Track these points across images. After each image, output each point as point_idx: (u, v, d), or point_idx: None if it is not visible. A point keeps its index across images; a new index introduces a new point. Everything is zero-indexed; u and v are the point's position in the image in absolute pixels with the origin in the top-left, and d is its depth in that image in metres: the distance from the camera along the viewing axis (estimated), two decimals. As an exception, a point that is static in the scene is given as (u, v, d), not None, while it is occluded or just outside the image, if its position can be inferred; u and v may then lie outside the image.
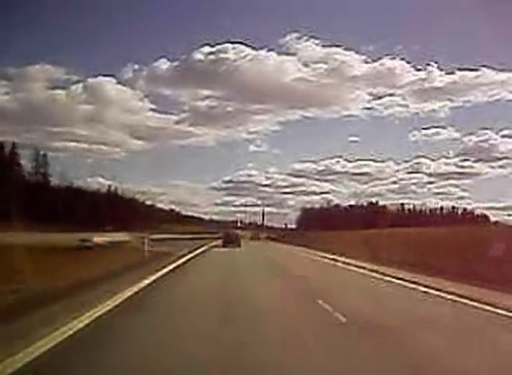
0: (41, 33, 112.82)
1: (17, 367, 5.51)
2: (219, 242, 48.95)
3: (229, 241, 45.16)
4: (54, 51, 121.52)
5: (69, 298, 10.51)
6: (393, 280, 17.39)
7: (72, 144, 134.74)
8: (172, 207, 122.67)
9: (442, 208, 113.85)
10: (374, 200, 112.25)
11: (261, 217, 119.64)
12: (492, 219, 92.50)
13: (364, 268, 22.57)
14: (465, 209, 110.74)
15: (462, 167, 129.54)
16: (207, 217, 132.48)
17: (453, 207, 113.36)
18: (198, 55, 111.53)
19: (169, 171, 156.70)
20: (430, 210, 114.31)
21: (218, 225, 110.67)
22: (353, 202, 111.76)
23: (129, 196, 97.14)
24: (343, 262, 26.80)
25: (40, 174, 76.81)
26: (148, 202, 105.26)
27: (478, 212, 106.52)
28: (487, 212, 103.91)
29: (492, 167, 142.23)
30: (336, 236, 49.77)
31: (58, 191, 75.55)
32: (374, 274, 19.79)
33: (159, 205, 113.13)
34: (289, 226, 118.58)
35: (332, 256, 31.90)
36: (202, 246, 41.38)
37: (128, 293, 11.92)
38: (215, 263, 24.80)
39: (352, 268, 23.48)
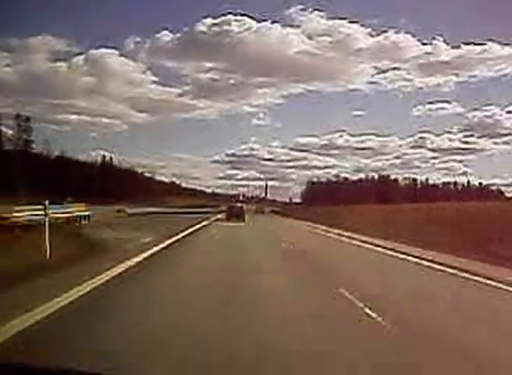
0: (43, 4, 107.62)
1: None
2: (222, 216, 46.52)
3: (233, 215, 41.76)
4: (56, 23, 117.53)
5: None
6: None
7: (74, 116, 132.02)
8: (174, 180, 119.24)
9: (455, 183, 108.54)
10: (384, 173, 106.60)
11: (264, 191, 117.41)
12: (507, 195, 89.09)
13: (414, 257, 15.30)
14: (480, 184, 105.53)
15: (466, 143, 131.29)
16: (209, 190, 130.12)
17: (468, 182, 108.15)
18: (201, 27, 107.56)
19: (172, 144, 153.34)
20: (443, 184, 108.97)
21: (220, 198, 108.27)
22: (362, 175, 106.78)
23: (127, 167, 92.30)
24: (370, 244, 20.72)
25: (25, 142, 71.02)
26: (148, 175, 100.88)
27: (494, 187, 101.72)
28: (502, 188, 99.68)
29: (497, 143, 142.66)
30: (347, 211, 44.37)
31: (44, 161, 70.25)
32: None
33: (160, 178, 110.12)
34: (293, 200, 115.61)
35: (347, 234, 26.31)
36: (201, 222, 35.05)
37: None
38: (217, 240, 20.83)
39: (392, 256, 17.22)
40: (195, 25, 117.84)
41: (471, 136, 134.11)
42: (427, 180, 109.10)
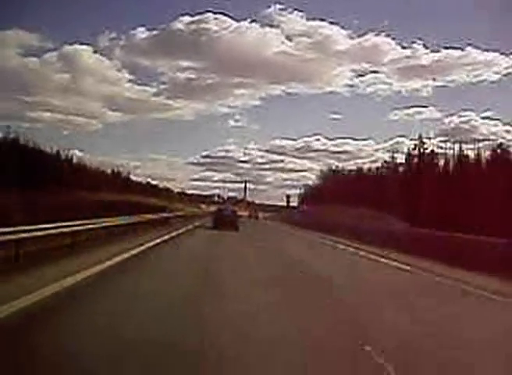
0: None
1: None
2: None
3: (223, 222, 29.63)
4: (27, 17, 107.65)
5: None
6: None
7: (48, 114, 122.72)
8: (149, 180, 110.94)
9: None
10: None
11: (240, 193, 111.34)
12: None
13: None
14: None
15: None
16: (187, 191, 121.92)
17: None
18: (178, 25, 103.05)
19: (147, 144, 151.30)
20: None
21: (197, 199, 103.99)
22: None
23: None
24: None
25: None
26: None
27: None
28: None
29: (472, 149, 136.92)
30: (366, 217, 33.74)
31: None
32: None
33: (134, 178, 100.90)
34: (278, 203, 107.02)
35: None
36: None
37: None
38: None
39: None
40: (172, 22, 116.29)
41: (447, 141, 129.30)
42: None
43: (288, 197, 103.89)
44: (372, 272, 14.34)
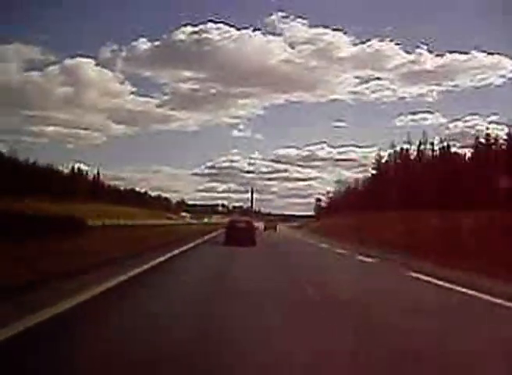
0: (15, 11, 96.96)
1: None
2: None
3: (237, 237, 24.21)
4: (28, 30, 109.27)
5: None
6: None
7: (51, 128, 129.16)
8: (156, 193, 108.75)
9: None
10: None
11: (245, 202, 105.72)
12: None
13: None
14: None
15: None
16: (191, 202, 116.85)
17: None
18: (180, 35, 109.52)
19: (151, 156, 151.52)
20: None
21: (199, 210, 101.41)
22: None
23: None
24: None
25: None
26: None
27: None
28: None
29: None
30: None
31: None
32: None
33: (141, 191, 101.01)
34: (285, 212, 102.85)
35: None
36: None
37: None
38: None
39: None
40: (173, 32, 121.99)
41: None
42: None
43: (319, 203, 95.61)
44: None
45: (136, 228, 33.06)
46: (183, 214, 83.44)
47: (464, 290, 9.51)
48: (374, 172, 59.38)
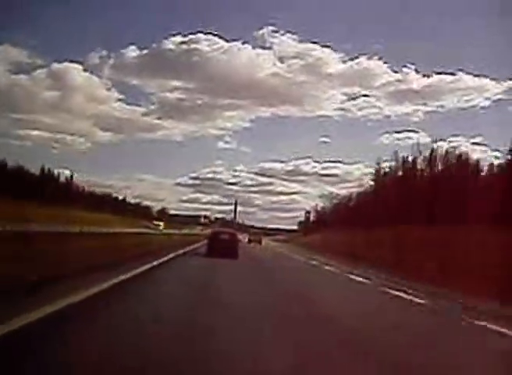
0: (2, 13, 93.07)
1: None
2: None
3: (219, 248, 23.39)
4: (16, 33, 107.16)
5: None
6: None
7: (36, 132, 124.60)
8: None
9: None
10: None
11: (228, 214, 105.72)
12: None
13: None
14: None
15: None
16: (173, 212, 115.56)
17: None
18: (169, 45, 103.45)
19: (136, 165, 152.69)
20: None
21: (184, 219, 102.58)
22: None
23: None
24: None
25: None
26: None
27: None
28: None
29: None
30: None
31: None
32: None
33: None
34: (268, 225, 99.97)
35: None
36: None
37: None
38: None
39: None
40: (163, 42, 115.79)
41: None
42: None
43: (308, 215, 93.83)
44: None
45: (105, 236, 28.29)
46: (156, 222, 73.54)
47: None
48: (371, 183, 55.50)
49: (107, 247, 15.56)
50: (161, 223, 72.31)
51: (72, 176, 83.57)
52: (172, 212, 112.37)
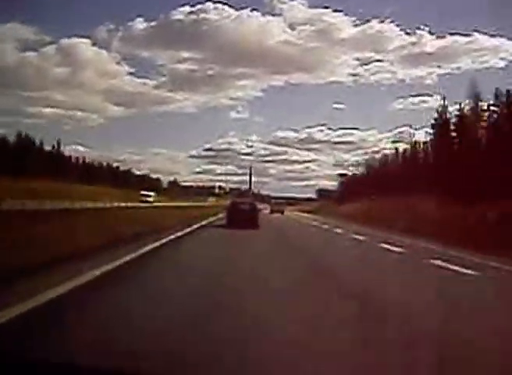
0: None
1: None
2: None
3: (238, 218, 22.97)
4: (23, 10, 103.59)
5: None
6: None
7: (48, 109, 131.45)
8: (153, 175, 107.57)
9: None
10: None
11: (243, 184, 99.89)
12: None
13: None
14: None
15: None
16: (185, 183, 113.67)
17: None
18: (177, 15, 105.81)
19: (149, 138, 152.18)
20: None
21: (200, 191, 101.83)
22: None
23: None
24: None
25: None
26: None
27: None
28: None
29: None
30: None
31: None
32: None
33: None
34: (284, 194, 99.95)
35: None
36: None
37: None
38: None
39: None
40: (171, 12, 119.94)
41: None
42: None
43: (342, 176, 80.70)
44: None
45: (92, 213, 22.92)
46: (145, 193, 60.18)
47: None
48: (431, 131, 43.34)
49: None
50: (152, 194, 61.33)
51: (59, 144, 78.28)
52: (186, 183, 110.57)
